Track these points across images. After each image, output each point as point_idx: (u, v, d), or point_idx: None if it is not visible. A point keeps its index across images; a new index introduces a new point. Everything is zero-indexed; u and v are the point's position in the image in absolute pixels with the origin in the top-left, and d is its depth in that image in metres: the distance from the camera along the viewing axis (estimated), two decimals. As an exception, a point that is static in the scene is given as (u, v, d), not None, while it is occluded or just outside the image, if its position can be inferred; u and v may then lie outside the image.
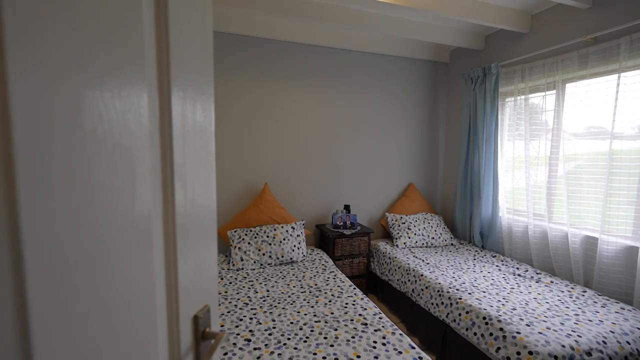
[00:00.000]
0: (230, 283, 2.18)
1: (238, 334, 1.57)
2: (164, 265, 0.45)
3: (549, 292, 2.04)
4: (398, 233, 3.05)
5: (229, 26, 2.66)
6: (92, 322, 0.33)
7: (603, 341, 1.54)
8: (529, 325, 1.65)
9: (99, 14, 0.33)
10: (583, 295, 1.99)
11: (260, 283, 2.19)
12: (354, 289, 2.11)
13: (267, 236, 2.58)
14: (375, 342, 1.52)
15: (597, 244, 2.11)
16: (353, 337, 1.55)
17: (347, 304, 1.90)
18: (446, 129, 3.58)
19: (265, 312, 1.80)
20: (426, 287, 2.26)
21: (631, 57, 1.94)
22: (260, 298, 1.97)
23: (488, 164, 2.87)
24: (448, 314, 2.00)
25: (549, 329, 1.62)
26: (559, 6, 2.38)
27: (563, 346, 1.49)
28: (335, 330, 1.62)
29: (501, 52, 2.87)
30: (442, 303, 2.07)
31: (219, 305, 1.86)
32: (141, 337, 0.40)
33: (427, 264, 2.57)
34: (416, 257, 2.72)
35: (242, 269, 2.42)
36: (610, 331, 1.61)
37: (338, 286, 2.14)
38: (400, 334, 1.59)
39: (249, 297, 1.98)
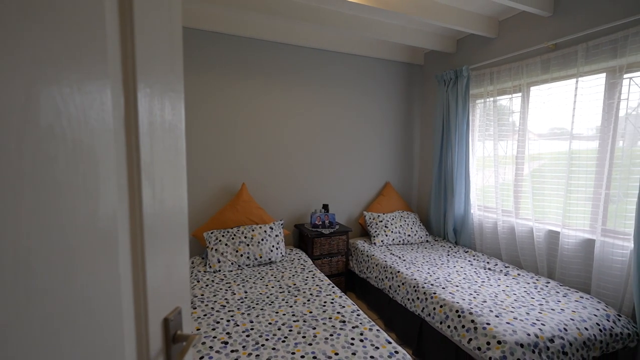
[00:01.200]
0: (207, 285, 2.13)
1: (215, 337, 1.54)
2: (131, 268, 0.44)
3: (516, 284, 2.16)
4: (376, 231, 3.11)
5: (205, 23, 2.60)
6: (52, 329, 0.32)
7: (564, 328, 1.65)
8: (497, 316, 1.73)
9: (55, 4, 0.31)
10: (547, 286, 2.11)
11: (238, 284, 2.16)
12: (333, 287, 2.13)
13: (245, 237, 2.54)
14: (353, 339, 1.54)
15: (559, 237, 2.25)
16: (331, 335, 1.57)
17: (325, 302, 1.91)
18: (421, 129, 3.69)
19: (243, 313, 1.78)
20: (402, 283, 2.31)
21: (587, 63, 2.09)
22: (238, 300, 1.94)
23: (460, 163, 2.98)
24: (423, 308, 2.06)
25: (516, 319, 1.71)
26: (523, 13, 2.52)
27: (528, 335, 1.57)
28: (314, 329, 1.63)
29: (472, 55, 2.99)
30: (418, 298, 2.13)
31: (195, 308, 1.81)
32: (107, 342, 0.39)
33: (404, 260, 2.63)
34: (393, 255, 2.78)
35: (220, 270, 2.37)
36: (571, 319, 1.72)
37: (317, 285, 2.15)
38: (378, 330, 1.62)
39: (226, 299, 1.95)
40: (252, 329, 1.62)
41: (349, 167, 3.36)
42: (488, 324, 1.66)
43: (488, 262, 2.55)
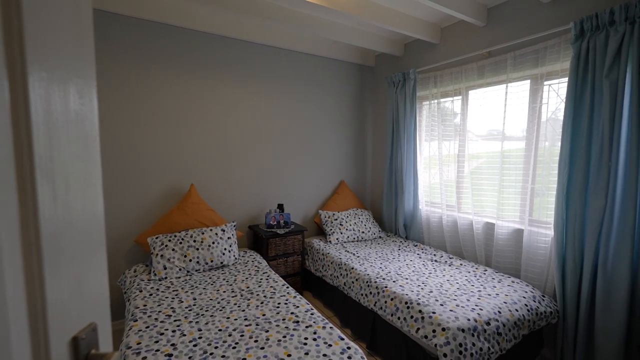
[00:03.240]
0: (151, 295, 1.97)
1: (158, 350, 1.43)
2: (24, 283, 0.37)
3: (459, 274, 2.32)
4: (331, 229, 3.14)
5: (153, 13, 2.40)
6: None
7: (498, 311, 1.81)
8: (442, 305, 1.84)
9: None
10: (484, 274, 2.30)
11: (186, 291, 2.03)
12: (287, 288, 2.10)
13: (195, 241, 2.40)
14: (306, 338, 1.53)
15: (495, 228, 2.47)
16: (284, 337, 1.54)
17: (279, 303, 1.88)
18: (373, 129, 3.81)
19: (190, 322, 1.67)
20: (356, 279, 2.36)
21: (515, 70, 2.31)
22: (186, 308, 1.83)
23: (409, 162, 3.13)
24: (376, 302, 2.13)
25: (458, 306, 1.84)
26: (462, 22, 2.71)
27: (468, 320, 1.70)
28: (267, 331, 1.59)
29: (418, 59, 3.16)
30: (371, 293, 2.19)
31: (136, 320, 1.66)
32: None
33: (358, 257, 2.69)
34: (348, 252, 2.83)
35: (166, 278, 2.21)
36: (504, 302, 1.89)
37: (271, 287, 2.11)
38: (331, 327, 1.63)
39: (172, 308, 1.82)
40: (200, 338, 1.53)
41: (304, 166, 3.35)
42: (434, 312, 1.76)
43: (435, 255, 2.71)
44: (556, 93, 2.14)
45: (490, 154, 2.63)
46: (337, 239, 3.09)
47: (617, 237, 1.74)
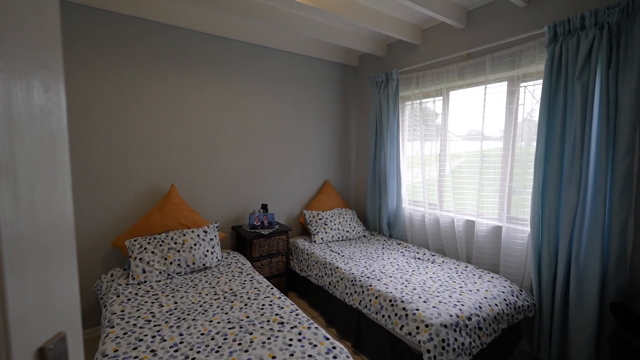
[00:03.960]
0: (129, 300, 1.90)
1: (136, 357, 1.37)
2: (-18, 291, 0.34)
3: (441, 271, 2.36)
4: (315, 229, 3.13)
5: (131, 9, 2.31)
6: None
7: (479, 306, 1.86)
8: (425, 302, 1.87)
9: None
10: (466, 270, 2.36)
11: (167, 295, 1.97)
12: (272, 289, 2.07)
13: (175, 243, 2.33)
14: (291, 339, 1.52)
15: (475, 226, 2.54)
16: (269, 339, 1.52)
17: (263, 305, 1.85)
18: (357, 129, 3.83)
19: (171, 326, 1.62)
20: (341, 279, 2.36)
21: (493, 72, 2.38)
22: (167, 312, 1.77)
23: (392, 161, 3.17)
24: (360, 301, 2.14)
25: (441, 302, 1.87)
26: (443, 24, 2.77)
27: (451, 315, 1.73)
28: (251, 334, 1.56)
29: (401, 60, 3.20)
30: (355, 292, 2.20)
31: (113, 327, 1.60)
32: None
33: (342, 256, 2.70)
34: (332, 251, 2.83)
35: (145, 281, 2.14)
36: (484, 297, 1.94)
37: (255, 288, 2.08)
38: (316, 328, 1.62)
39: (152, 312, 1.76)
40: (181, 343, 1.48)
41: (288, 165, 3.32)
42: (417, 309, 1.79)
43: (418, 252, 2.76)
44: (532, 94, 2.22)
45: (470, 153, 2.70)
46: (321, 238, 3.08)
47: (588, 232, 1.82)
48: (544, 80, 1.99)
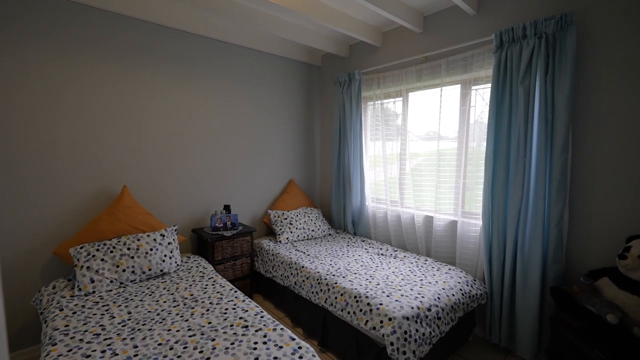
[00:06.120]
0: (75, 313, 1.73)
1: (83, 376, 1.25)
2: None
3: (403, 265, 2.45)
4: (281, 229, 3.09)
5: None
6: None
7: (438, 297, 1.95)
8: (388, 296, 1.93)
9: None
10: (425, 263, 2.47)
11: (119, 305, 1.82)
12: (236, 292, 2.01)
13: (129, 248, 2.17)
14: (256, 342, 1.48)
15: (433, 221, 2.67)
16: (232, 344, 1.47)
17: (227, 309, 1.79)
18: (321, 128, 3.85)
19: (124, 339, 1.50)
20: (307, 278, 2.36)
21: (448, 75, 2.52)
22: (119, 323, 1.64)
23: (355, 161, 3.22)
24: (326, 299, 2.15)
25: (403, 295, 1.94)
26: (401, 27, 2.87)
27: (412, 308, 1.80)
28: (213, 340, 1.50)
29: (362, 60, 3.27)
30: (321, 290, 2.21)
31: (55, 345, 1.44)
32: None
33: (308, 255, 2.69)
34: (298, 250, 2.81)
35: (94, 292, 1.96)
36: (442, 289, 2.05)
37: (218, 292, 2.00)
38: (282, 329, 1.60)
39: (101, 325, 1.62)
40: (135, 356, 1.38)
41: (251, 165, 3.25)
42: (381, 304, 1.83)
43: (381, 248, 2.84)
44: (482, 97, 2.38)
45: (428, 153, 2.83)
46: (287, 238, 3.05)
47: (531, 224, 1.99)
48: (492, 84, 2.15)
